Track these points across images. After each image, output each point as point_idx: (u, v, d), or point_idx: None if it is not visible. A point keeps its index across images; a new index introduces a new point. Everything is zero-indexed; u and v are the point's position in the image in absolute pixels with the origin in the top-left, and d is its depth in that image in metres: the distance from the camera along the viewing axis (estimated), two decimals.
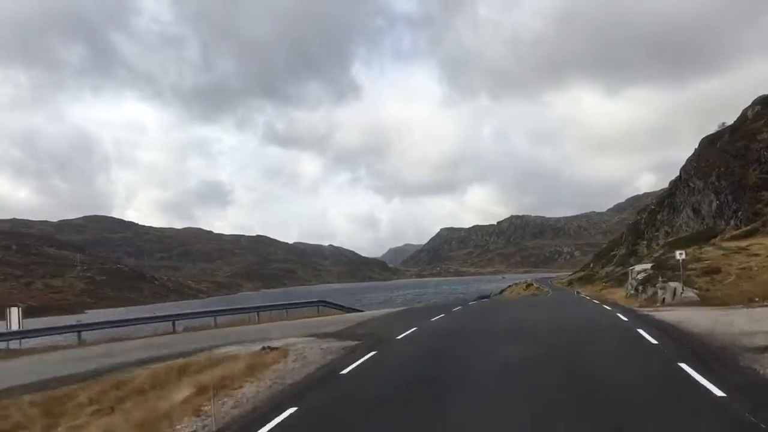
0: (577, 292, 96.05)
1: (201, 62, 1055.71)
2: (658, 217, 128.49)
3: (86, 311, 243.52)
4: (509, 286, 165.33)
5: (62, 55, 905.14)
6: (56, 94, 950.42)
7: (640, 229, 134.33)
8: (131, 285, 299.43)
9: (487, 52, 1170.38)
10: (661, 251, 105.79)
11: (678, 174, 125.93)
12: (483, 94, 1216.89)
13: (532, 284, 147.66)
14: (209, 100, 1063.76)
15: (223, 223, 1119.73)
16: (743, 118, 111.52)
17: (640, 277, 51.67)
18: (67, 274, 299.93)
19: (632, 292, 51.62)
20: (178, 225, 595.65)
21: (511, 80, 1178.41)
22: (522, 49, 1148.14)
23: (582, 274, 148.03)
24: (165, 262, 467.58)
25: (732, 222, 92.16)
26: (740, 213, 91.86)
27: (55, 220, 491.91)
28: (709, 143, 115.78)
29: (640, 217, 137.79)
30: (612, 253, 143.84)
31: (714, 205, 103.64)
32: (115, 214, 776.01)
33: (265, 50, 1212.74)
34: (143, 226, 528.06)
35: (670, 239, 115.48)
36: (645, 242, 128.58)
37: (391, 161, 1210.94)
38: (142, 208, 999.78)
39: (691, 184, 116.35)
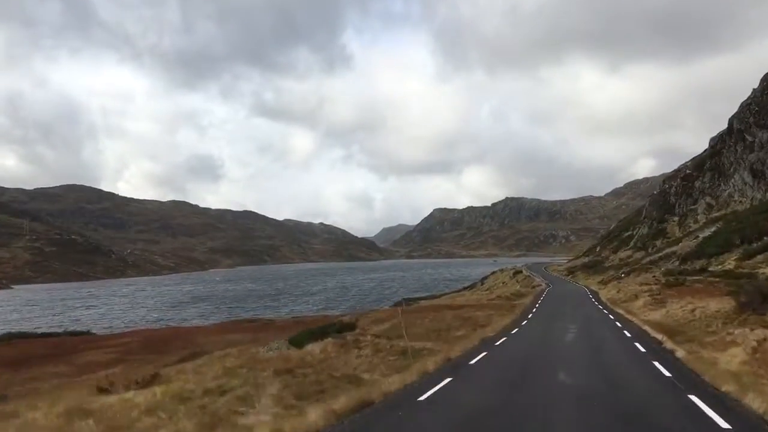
0: (593, 298, 57.50)
1: (182, 25, 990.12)
2: (696, 184, 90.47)
3: (13, 287, 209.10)
4: (493, 272, 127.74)
5: (38, 13, 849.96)
6: (34, 54, 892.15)
7: (669, 201, 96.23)
8: (83, 258, 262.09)
9: (484, 24, 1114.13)
10: (710, 230, 68.21)
11: (727, 125, 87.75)
12: (479, 68, 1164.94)
13: (521, 271, 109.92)
14: (193, 66, 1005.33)
15: (215, 197, 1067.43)
16: None
17: None
18: (14, 243, 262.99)
19: None
20: (168, 198, 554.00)
21: (509, 54, 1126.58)
22: (520, 21, 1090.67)
23: (586, 260, 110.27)
24: (143, 235, 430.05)
25: None
26: None
27: (31, 188, 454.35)
28: None
29: (669, 185, 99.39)
30: (626, 234, 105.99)
31: None
32: (104, 186, 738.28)
33: (249, 13, 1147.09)
34: (124, 197, 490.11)
35: (718, 213, 77.89)
36: (676, 219, 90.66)
37: (385, 138, 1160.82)
38: (132, 181, 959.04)
39: (748, 137, 78.61)
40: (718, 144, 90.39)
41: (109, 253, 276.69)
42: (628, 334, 20.78)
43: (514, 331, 23.59)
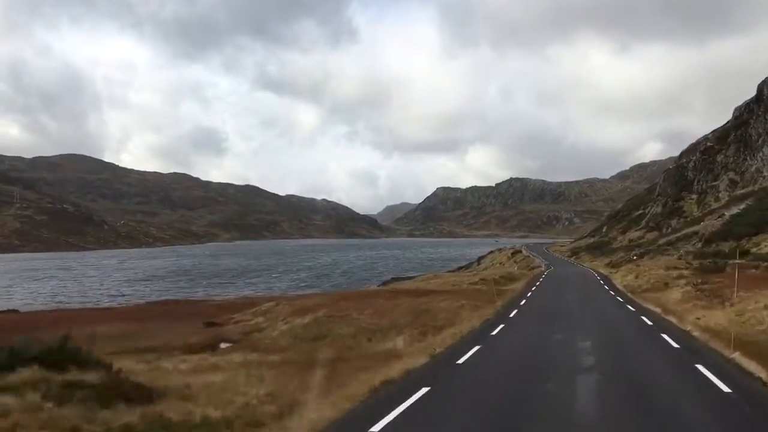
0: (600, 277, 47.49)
1: None
2: (719, 158, 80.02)
3: None
4: (491, 252, 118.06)
5: None
6: (34, 21, 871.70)
7: (686, 177, 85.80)
8: (74, 228, 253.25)
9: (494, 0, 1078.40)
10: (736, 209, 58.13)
11: (756, 92, 77.10)
12: (486, 45, 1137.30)
13: (521, 251, 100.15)
14: (195, 36, 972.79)
15: (220, 171, 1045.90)
16: None
17: None
18: (4, 211, 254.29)
19: None
20: (171, 171, 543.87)
21: (516, 31, 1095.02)
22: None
23: (591, 240, 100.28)
24: (142, 206, 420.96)
25: None
26: None
27: (29, 156, 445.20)
28: None
29: (687, 160, 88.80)
30: (637, 213, 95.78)
31: None
32: (107, 158, 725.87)
33: None
34: (124, 168, 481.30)
35: (744, 190, 67.74)
36: (694, 196, 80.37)
37: (390, 115, 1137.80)
38: (136, 152, 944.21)
39: None
40: (744, 113, 79.82)
41: (101, 224, 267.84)
42: (712, 377, 10.12)
43: (473, 351, 13.34)
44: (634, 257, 61.91)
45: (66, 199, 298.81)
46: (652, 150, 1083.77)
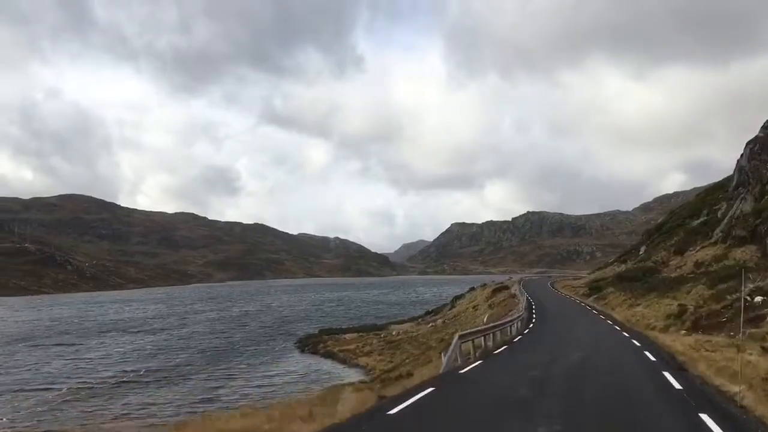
0: None
1: (179, 23, 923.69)
2: None
3: None
4: (471, 289, 78.12)
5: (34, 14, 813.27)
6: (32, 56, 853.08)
7: None
8: (31, 270, 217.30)
9: (499, 22, 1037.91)
10: None
11: None
12: (494, 72, 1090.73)
13: (507, 288, 59.94)
14: (196, 69, 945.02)
15: (235, 211, 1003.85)
16: None
17: None
18: None
19: None
20: (179, 211, 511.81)
21: (524, 56, 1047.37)
22: (538, 20, 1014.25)
23: (623, 268, 59.52)
24: (142, 247, 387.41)
25: None
26: None
27: (27, 197, 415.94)
28: None
29: None
30: (699, 221, 55.24)
31: None
32: (122, 201, 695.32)
33: (253, 13, 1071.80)
34: (125, 208, 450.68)
35: None
36: None
37: (403, 150, 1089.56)
38: (150, 194, 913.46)
39: None
40: None
41: (64, 264, 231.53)
42: None
43: None
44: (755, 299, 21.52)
45: (40, 240, 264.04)
46: (675, 181, 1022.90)
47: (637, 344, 21.21)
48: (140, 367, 47.27)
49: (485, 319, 42.37)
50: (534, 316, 36.86)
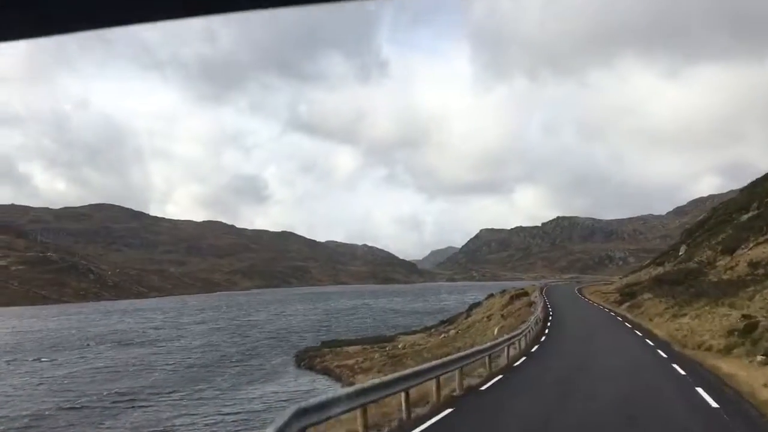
0: None
1: (205, 33, 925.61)
2: None
3: None
4: (489, 296, 70.84)
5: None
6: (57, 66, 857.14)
7: None
8: (54, 279, 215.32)
9: (525, 22, 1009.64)
10: None
11: None
12: (521, 74, 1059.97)
13: (527, 294, 52.47)
14: (221, 77, 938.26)
15: (264, 220, 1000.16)
16: None
17: None
18: None
19: None
20: (209, 219, 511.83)
21: (552, 56, 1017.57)
22: (565, 18, 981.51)
23: (661, 270, 51.59)
24: (169, 255, 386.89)
25: None
26: None
27: (57, 207, 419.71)
28: None
29: None
30: (748, 216, 47.26)
31: None
32: (152, 211, 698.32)
33: (276, 19, 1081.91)
34: (154, 217, 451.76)
35: None
36: None
37: (430, 156, 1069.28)
38: (181, 203, 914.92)
39: None
40: None
41: (87, 272, 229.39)
42: None
43: None
44: None
45: (65, 249, 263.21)
46: (710, 184, 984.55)
47: (706, 398, 12.19)
48: (102, 389, 41.02)
49: (495, 332, 35.38)
50: (547, 330, 29.50)
